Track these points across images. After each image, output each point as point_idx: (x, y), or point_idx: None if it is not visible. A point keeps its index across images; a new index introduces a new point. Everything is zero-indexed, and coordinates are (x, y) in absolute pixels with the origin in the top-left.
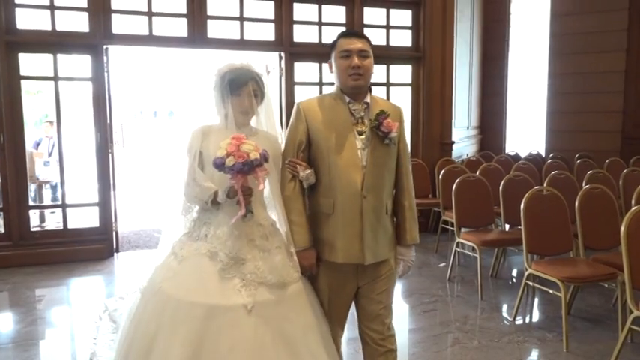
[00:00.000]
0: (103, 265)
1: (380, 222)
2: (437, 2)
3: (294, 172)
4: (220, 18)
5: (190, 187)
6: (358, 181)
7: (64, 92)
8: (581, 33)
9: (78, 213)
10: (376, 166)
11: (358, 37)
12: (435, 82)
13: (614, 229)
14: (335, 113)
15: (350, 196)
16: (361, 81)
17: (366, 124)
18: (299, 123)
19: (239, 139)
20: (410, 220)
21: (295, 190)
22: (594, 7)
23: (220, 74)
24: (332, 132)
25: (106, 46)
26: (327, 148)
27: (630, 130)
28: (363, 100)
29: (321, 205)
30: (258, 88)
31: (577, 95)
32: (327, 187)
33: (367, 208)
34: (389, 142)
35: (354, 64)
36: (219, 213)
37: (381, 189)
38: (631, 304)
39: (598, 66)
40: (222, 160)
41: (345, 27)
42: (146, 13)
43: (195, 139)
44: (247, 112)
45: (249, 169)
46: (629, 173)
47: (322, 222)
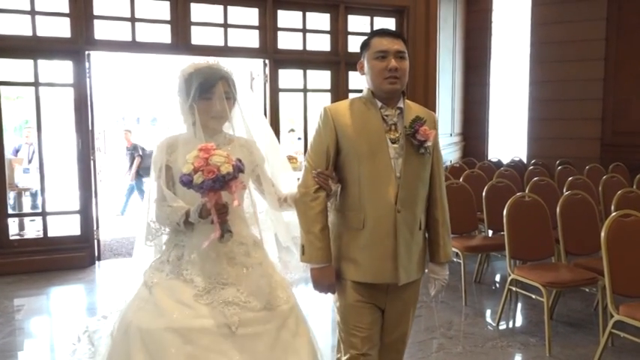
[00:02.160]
0: (84, 273)
1: (414, 238)
2: (420, 11)
3: (324, 185)
4: (204, 24)
5: (159, 207)
6: (392, 193)
7: (44, 98)
8: (561, 42)
9: (58, 221)
10: (411, 177)
11: (395, 36)
12: (419, 89)
13: (595, 235)
14: (366, 119)
15: (383, 210)
16: (397, 85)
17: (399, 131)
18: (327, 129)
19: (207, 150)
20: (444, 236)
21: (321, 201)
22: (573, 17)
23: (184, 76)
24: (363, 139)
25: (88, 52)
26: (357, 156)
27: (609, 136)
28: (396, 105)
29: (348, 219)
30: (230, 90)
31: (557, 102)
32: (356, 200)
33: (401, 224)
34: (424, 151)
35: (391, 66)
36: (193, 234)
37: (415, 202)
38: (612, 309)
39: (577, 74)
40: (190, 177)
41: (329, 34)
42: (129, 19)
43: (160, 153)
44: (220, 116)
45: (221, 185)
46: (608, 179)
47: (349, 238)
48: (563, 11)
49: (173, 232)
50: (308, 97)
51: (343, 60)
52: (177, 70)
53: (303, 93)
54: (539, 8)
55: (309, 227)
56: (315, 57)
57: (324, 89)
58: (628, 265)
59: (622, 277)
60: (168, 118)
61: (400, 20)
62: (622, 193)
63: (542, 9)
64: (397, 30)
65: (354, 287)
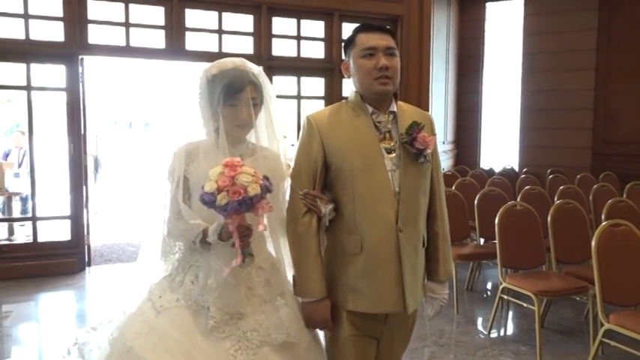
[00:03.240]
0: (73, 279)
1: (418, 258)
2: (414, 19)
3: (312, 208)
4: (199, 30)
5: (173, 223)
6: (392, 211)
7: (36, 102)
8: (553, 52)
9: (49, 226)
10: (411, 191)
11: (383, 31)
12: (412, 96)
13: (585, 243)
14: (356, 127)
15: (383, 230)
16: (390, 86)
17: (394, 138)
18: (312, 141)
19: (233, 167)
20: (444, 251)
21: (312, 226)
22: (565, 27)
23: (208, 78)
24: (355, 151)
25: (81, 57)
26: (350, 172)
27: (600, 146)
28: (389, 110)
29: (343, 242)
30: (258, 94)
31: (549, 112)
32: (352, 221)
33: (405, 244)
34: (424, 159)
35: (381, 64)
36: (209, 254)
37: (417, 217)
38: (602, 317)
39: (569, 84)
40: (213, 198)
41: (323, 42)
42: (123, 23)
43: (177, 162)
44: (245, 125)
45: (247, 208)
46: (599, 188)
47: (344, 263)
48: (554, 22)
49: (187, 248)
50: (302, 104)
51: (337, 67)
52: (200, 70)
53: (297, 100)
54: (531, 18)
55: (299, 257)
56: (310, 64)
57: (318, 96)
58: (618, 275)
59: (612, 286)
60: (186, 121)
61: (394, 28)
62: (612, 202)
63: (534, 19)
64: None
65: (350, 319)
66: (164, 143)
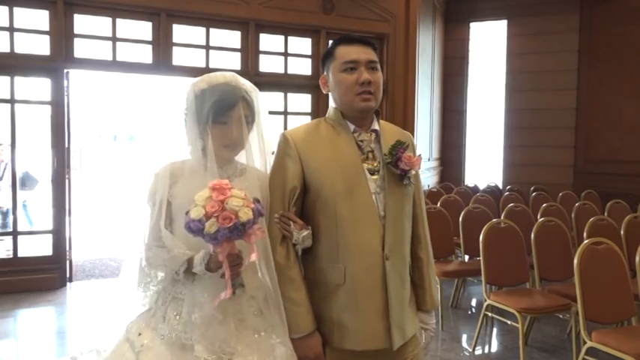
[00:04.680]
0: (54, 295)
1: (405, 288)
2: (400, 38)
3: (285, 232)
4: (186, 46)
5: (154, 251)
6: (377, 237)
7: (20, 115)
8: (535, 71)
9: (29, 241)
10: (397, 215)
11: (364, 43)
12: (398, 114)
13: (568, 261)
14: (338, 146)
15: (368, 258)
16: (372, 102)
17: (377, 158)
18: (290, 161)
19: (222, 191)
20: (430, 279)
21: (290, 255)
22: (547, 48)
23: (196, 93)
24: (336, 172)
25: (67, 70)
26: (331, 194)
27: (581, 164)
28: (371, 128)
29: (324, 273)
30: (250, 112)
31: (532, 130)
32: (334, 249)
33: (392, 273)
34: (408, 181)
35: (363, 79)
36: (194, 286)
37: (404, 244)
38: (584, 335)
39: (551, 103)
40: (200, 225)
41: (310, 58)
42: (110, 38)
43: (160, 184)
44: (235, 145)
45: (239, 235)
46: (580, 206)
47: (327, 295)
48: (537, 42)
49: (170, 281)
50: (288, 120)
51: None
52: (187, 84)
53: (284, 116)
54: (515, 39)
55: (283, 290)
56: (296, 80)
57: (304, 112)
58: (600, 293)
59: (594, 304)
60: (169, 139)
61: (380, 47)
62: (594, 220)
63: (518, 40)
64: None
65: (334, 357)
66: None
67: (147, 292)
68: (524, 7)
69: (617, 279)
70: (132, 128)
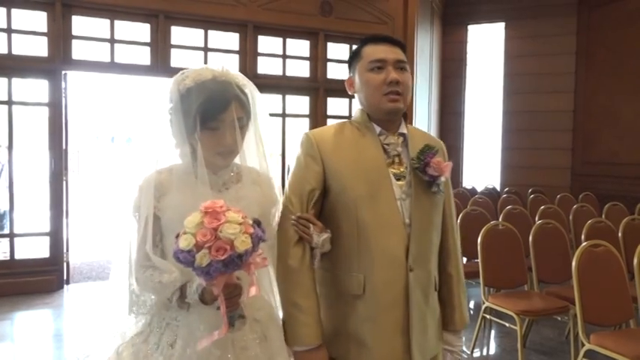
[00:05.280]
0: (51, 298)
1: (428, 304)
2: None
3: (304, 235)
4: (184, 47)
5: (142, 271)
6: (401, 246)
7: (17, 117)
8: (533, 74)
9: (27, 243)
10: (423, 224)
11: (392, 42)
12: None
13: (566, 263)
14: (362, 149)
15: (390, 268)
16: (400, 103)
17: (404, 163)
18: (311, 162)
19: (215, 215)
20: (460, 296)
21: (305, 259)
22: (545, 50)
23: (181, 92)
24: (360, 175)
25: (64, 72)
26: (353, 198)
27: (579, 166)
28: (398, 131)
29: (342, 282)
30: (244, 112)
31: (529, 132)
32: (354, 256)
33: (415, 286)
34: (437, 189)
35: (391, 78)
36: (190, 314)
37: (429, 256)
38: (583, 337)
39: (549, 105)
40: (190, 257)
41: (308, 60)
42: (108, 39)
43: (144, 198)
44: (229, 151)
45: (235, 267)
46: (578, 208)
47: (343, 307)
48: (534, 45)
49: (163, 305)
50: (287, 122)
51: (322, 86)
52: (171, 82)
53: (282, 118)
54: (512, 41)
55: (290, 295)
56: (295, 83)
57: (302, 114)
58: (598, 295)
59: (593, 306)
60: (155, 143)
61: None
62: (592, 222)
63: (515, 42)
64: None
65: None
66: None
67: (138, 314)
68: (522, 9)
69: (615, 281)
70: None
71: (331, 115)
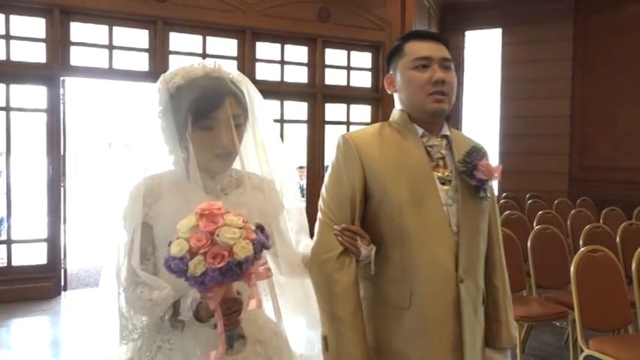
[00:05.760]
0: (48, 304)
1: (477, 319)
2: None
3: (350, 247)
4: (183, 54)
5: (132, 290)
6: (450, 255)
7: (15, 123)
8: (530, 79)
9: (24, 249)
10: (471, 232)
11: (437, 39)
12: None
13: (564, 269)
14: (404, 151)
15: (439, 280)
16: (445, 104)
17: (449, 167)
18: (350, 165)
19: (212, 217)
20: (506, 311)
21: (352, 271)
22: (542, 56)
23: (171, 91)
24: (403, 179)
25: (63, 78)
26: (397, 204)
27: (576, 171)
28: (441, 133)
29: (386, 293)
30: (241, 109)
31: (527, 137)
32: (398, 267)
33: (466, 299)
34: (484, 194)
35: (436, 77)
36: (184, 335)
37: (478, 267)
38: (582, 343)
39: (546, 111)
40: (182, 265)
41: (307, 66)
42: (107, 46)
43: (133, 206)
44: (227, 154)
45: (234, 277)
46: (576, 214)
47: (388, 320)
48: (531, 51)
49: (154, 325)
50: (285, 128)
51: (320, 92)
52: (159, 81)
53: (280, 124)
54: (509, 47)
55: (335, 310)
56: (293, 88)
57: (301, 120)
58: (597, 300)
59: (591, 312)
60: (144, 149)
61: (376, 54)
62: (590, 228)
63: (512, 48)
64: (373, 63)
65: None
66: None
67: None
68: (519, 16)
69: (613, 287)
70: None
71: (329, 121)
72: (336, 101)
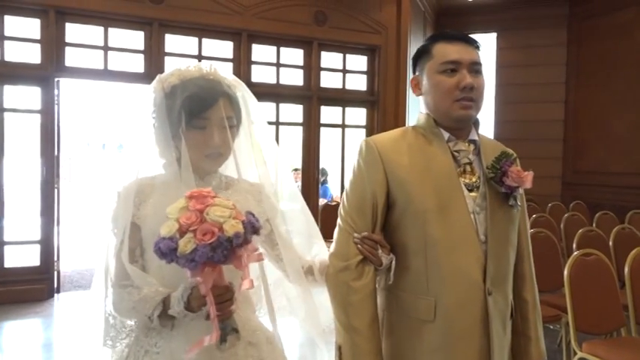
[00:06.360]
0: (41, 307)
1: (506, 334)
2: (391, 50)
3: (370, 256)
4: (178, 55)
5: (119, 292)
6: (477, 265)
7: (9, 123)
8: (525, 84)
9: (17, 251)
10: (500, 241)
11: (467, 41)
12: (389, 124)
13: (558, 272)
14: (429, 157)
15: (465, 291)
16: (473, 110)
17: (477, 173)
18: (373, 170)
19: (201, 199)
20: (537, 325)
21: (371, 280)
22: (536, 61)
23: (166, 91)
24: (428, 185)
25: (57, 79)
26: (422, 211)
27: (569, 175)
28: (468, 138)
29: (408, 305)
30: (234, 112)
31: (521, 142)
32: (422, 277)
33: (494, 312)
34: (514, 202)
35: (465, 83)
36: (172, 336)
37: (507, 278)
38: (575, 346)
39: (540, 115)
40: (172, 243)
41: (302, 69)
42: (102, 47)
43: (123, 206)
44: (218, 154)
45: (225, 256)
46: (569, 217)
47: (410, 334)
48: (526, 55)
49: (142, 329)
50: (281, 131)
51: (316, 95)
52: (154, 81)
53: (276, 126)
54: (504, 52)
55: (351, 320)
56: (289, 91)
57: (296, 123)
58: (590, 304)
59: (585, 315)
60: (137, 150)
61: (372, 58)
62: (583, 231)
63: (507, 52)
64: (368, 67)
65: None
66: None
67: (115, 349)
68: (514, 20)
69: (606, 290)
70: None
71: (325, 124)
72: (331, 104)
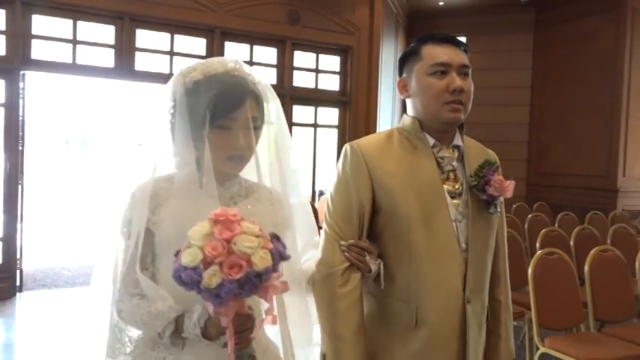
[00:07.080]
0: (3, 306)
1: (481, 337)
2: (363, 51)
3: (357, 263)
4: (149, 51)
5: (127, 302)
6: (458, 274)
7: None
8: (491, 87)
9: None
10: (480, 249)
11: (456, 44)
12: (360, 124)
13: (522, 271)
14: (414, 163)
15: (446, 299)
16: (461, 114)
17: (460, 180)
18: (358, 176)
19: (227, 225)
20: (507, 325)
21: (357, 287)
22: (502, 65)
23: (188, 86)
24: (412, 193)
25: (23, 72)
26: (406, 219)
27: (534, 177)
28: (453, 143)
29: (392, 311)
30: (259, 113)
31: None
32: (404, 285)
33: (472, 319)
34: (494, 209)
35: (455, 86)
36: (184, 355)
37: (485, 285)
38: (537, 341)
39: (505, 118)
40: (196, 275)
41: (275, 68)
42: (70, 40)
43: (138, 209)
44: (241, 156)
45: (252, 290)
46: (533, 218)
47: (393, 340)
48: (493, 60)
49: (149, 343)
50: None
51: (289, 94)
52: (174, 76)
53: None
54: (473, 55)
55: (336, 327)
56: None
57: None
58: (552, 301)
59: (547, 311)
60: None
61: (344, 58)
62: (546, 231)
63: (474, 56)
64: (341, 67)
65: None
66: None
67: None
68: (483, 25)
69: (567, 287)
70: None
71: (297, 123)
72: (304, 103)
